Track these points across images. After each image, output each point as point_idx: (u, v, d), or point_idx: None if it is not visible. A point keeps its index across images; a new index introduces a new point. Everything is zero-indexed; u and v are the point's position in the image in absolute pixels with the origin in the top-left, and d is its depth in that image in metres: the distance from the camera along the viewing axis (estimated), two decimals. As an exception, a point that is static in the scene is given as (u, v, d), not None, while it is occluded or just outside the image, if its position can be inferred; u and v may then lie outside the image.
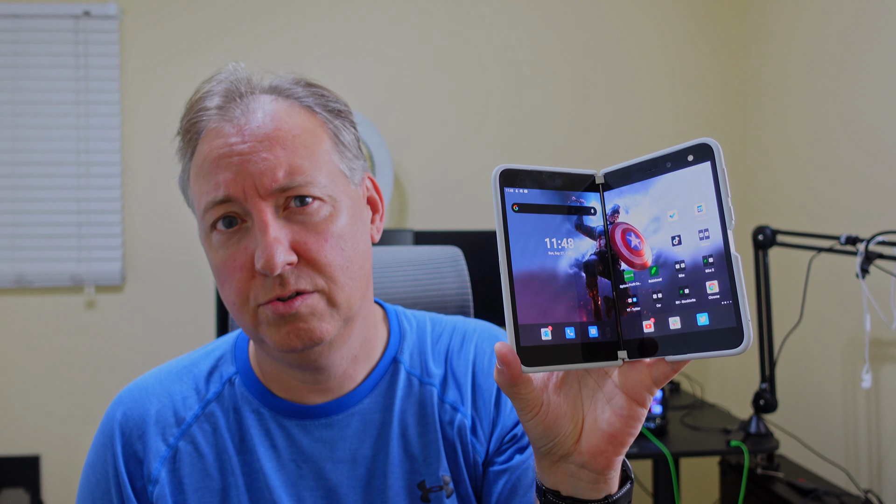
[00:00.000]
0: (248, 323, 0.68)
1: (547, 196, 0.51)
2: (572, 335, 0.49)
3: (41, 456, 2.42)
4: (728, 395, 2.47)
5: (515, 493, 0.76)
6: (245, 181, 0.65)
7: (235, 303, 0.68)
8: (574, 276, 0.50)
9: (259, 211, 0.65)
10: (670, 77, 2.59)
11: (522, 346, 0.48)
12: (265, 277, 0.65)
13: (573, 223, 0.52)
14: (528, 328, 0.49)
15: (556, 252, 0.50)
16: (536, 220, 0.51)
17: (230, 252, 0.67)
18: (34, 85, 2.42)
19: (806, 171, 2.24)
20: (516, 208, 0.51)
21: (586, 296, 0.50)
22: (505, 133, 2.55)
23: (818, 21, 2.18)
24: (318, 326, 0.67)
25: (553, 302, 0.50)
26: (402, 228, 2.42)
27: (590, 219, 0.52)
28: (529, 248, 0.50)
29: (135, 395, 0.77)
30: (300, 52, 2.49)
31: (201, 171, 0.68)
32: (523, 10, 2.56)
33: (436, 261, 1.07)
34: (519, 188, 0.51)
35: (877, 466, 1.91)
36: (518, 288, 0.49)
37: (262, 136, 0.66)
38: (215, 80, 0.71)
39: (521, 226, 0.50)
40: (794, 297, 2.09)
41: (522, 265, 0.49)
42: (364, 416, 0.76)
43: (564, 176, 0.52)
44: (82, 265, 2.43)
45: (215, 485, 0.74)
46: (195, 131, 0.69)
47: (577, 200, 0.52)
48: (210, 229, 0.68)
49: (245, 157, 0.65)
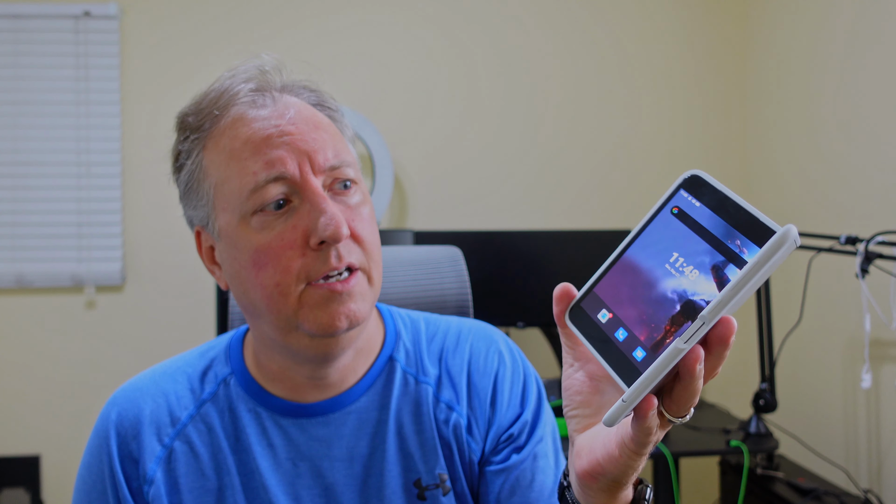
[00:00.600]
0: (290, 306, 0.67)
1: (713, 222, 0.46)
2: (621, 339, 0.48)
3: (41, 456, 2.42)
4: (728, 395, 2.47)
5: (514, 493, 0.76)
6: (300, 158, 0.67)
7: (279, 284, 0.66)
8: (669, 301, 0.46)
9: (315, 187, 0.66)
10: (670, 77, 2.59)
11: (580, 305, 0.51)
12: (319, 252, 0.66)
13: (714, 261, 0.45)
14: (596, 300, 0.50)
15: (674, 271, 0.47)
16: (684, 233, 0.47)
17: (277, 231, 0.66)
18: (34, 85, 2.42)
19: (805, 172, 2.24)
20: (675, 211, 0.48)
21: (662, 325, 0.46)
22: (505, 133, 2.55)
23: (818, 22, 2.18)
24: (362, 307, 0.69)
25: (631, 302, 0.48)
26: (402, 228, 2.42)
27: (735, 270, 0.44)
28: (654, 249, 0.48)
29: (129, 395, 0.77)
30: (300, 51, 2.49)
31: (241, 154, 0.67)
32: (523, 12, 2.56)
33: (436, 261, 1.07)
34: (694, 198, 0.48)
35: (877, 466, 1.91)
36: (617, 267, 0.50)
37: (304, 120, 0.69)
38: (239, 73, 0.72)
39: (665, 227, 0.48)
40: (794, 297, 2.09)
41: (637, 256, 0.49)
42: (360, 414, 0.76)
43: (750, 217, 0.44)
44: (82, 265, 2.43)
45: (211, 484, 0.74)
46: (216, 119, 0.70)
47: (739, 247, 0.44)
48: (249, 214, 0.67)
49: (295, 136, 0.67)
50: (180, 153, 0.73)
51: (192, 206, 0.73)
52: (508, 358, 0.83)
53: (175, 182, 0.75)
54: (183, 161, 0.72)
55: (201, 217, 0.72)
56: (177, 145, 0.73)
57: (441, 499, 0.76)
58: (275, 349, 0.74)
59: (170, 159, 0.75)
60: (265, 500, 0.73)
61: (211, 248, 0.74)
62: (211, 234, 0.72)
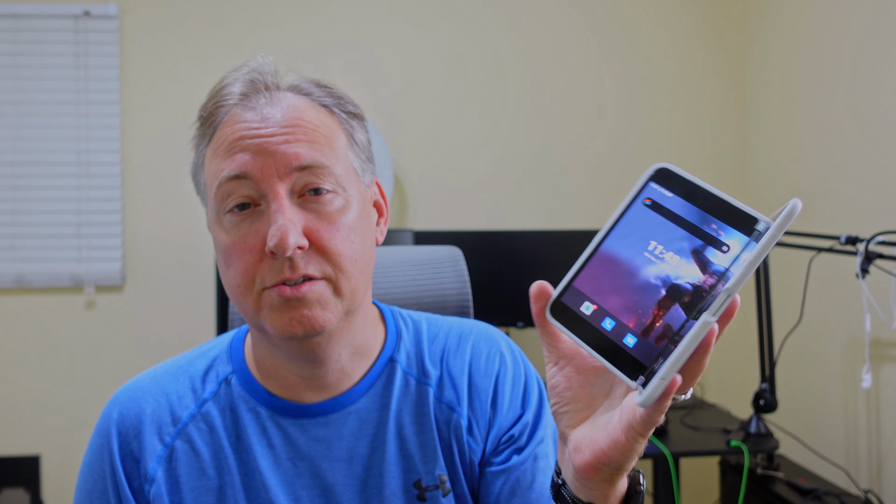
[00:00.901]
0: (251, 307, 0.68)
1: (687, 210, 0.49)
2: (608, 327, 0.49)
3: (41, 456, 2.42)
4: (728, 395, 2.47)
5: (514, 493, 0.76)
6: (264, 161, 0.66)
7: (239, 285, 0.67)
8: (653, 287, 0.49)
9: (275, 192, 0.66)
10: (670, 77, 2.59)
11: (561, 300, 0.51)
12: (274, 260, 0.65)
13: (693, 246, 0.48)
14: (576, 293, 0.51)
15: (653, 258, 0.49)
16: (658, 222, 0.50)
17: (241, 234, 0.67)
18: (34, 85, 2.42)
19: (806, 171, 2.24)
20: (648, 203, 0.50)
21: (650, 310, 0.48)
22: (506, 133, 2.55)
23: (818, 21, 2.18)
24: (322, 315, 0.67)
25: (614, 292, 0.49)
26: (402, 228, 2.42)
27: (715, 253, 0.47)
28: (630, 240, 0.50)
29: (130, 395, 0.77)
30: (300, 51, 2.49)
31: (218, 152, 0.69)
32: (522, 13, 2.56)
33: (436, 261, 1.07)
34: (665, 189, 0.50)
35: (877, 466, 1.91)
36: (594, 260, 0.51)
37: (284, 124, 0.68)
38: (241, 71, 0.72)
39: (639, 218, 0.50)
40: (794, 297, 2.09)
41: (613, 247, 0.50)
42: (361, 414, 0.76)
43: (724, 204, 0.48)
44: (82, 265, 2.43)
45: (212, 484, 0.74)
46: (216, 117, 0.70)
47: (715, 231, 0.48)
48: (221, 212, 0.68)
49: (266, 139, 0.67)
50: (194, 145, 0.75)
51: (201, 197, 0.75)
52: (510, 359, 0.83)
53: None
54: (194, 153, 0.74)
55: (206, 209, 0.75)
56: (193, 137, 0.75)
57: (441, 500, 0.76)
58: (264, 346, 0.75)
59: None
60: (265, 499, 0.73)
61: None
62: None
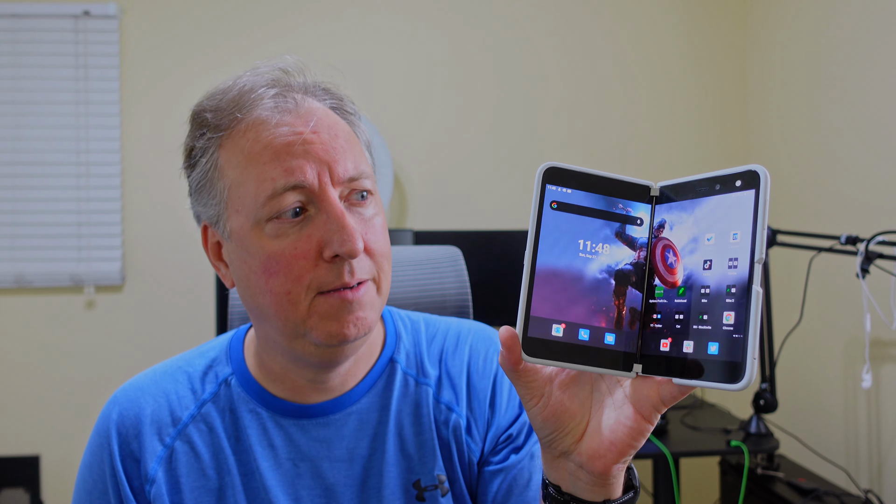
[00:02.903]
0: (299, 315, 0.67)
1: (591, 199, 0.51)
2: (586, 337, 0.49)
3: (41, 456, 2.42)
4: (728, 395, 2.47)
5: (511, 492, 0.76)
6: (320, 167, 0.66)
7: (290, 292, 0.66)
8: (602, 281, 0.50)
9: (333, 199, 0.66)
10: (671, 76, 2.59)
11: (529, 336, 0.49)
12: (332, 265, 0.66)
13: (614, 230, 0.51)
14: (540, 321, 0.49)
15: (588, 255, 0.50)
16: (574, 220, 0.50)
17: (291, 240, 0.66)
18: (34, 85, 2.42)
19: (806, 171, 2.24)
20: (555, 206, 0.50)
21: (611, 303, 0.50)
22: (505, 133, 2.55)
23: (819, 21, 2.18)
24: (370, 315, 0.69)
25: (573, 302, 0.49)
26: (402, 228, 2.42)
27: (633, 228, 0.51)
28: (560, 247, 0.50)
29: (130, 395, 0.77)
30: (300, 52, 2.48)
31: (260, 159, 0.66)
32: (524, 13, 2.56)
33: (435, 261, 1.07)
34: (562, 187, 0.51)
35: (877, 466, 1.91)
36: (538, 281, 0.49)
37: (326, 128, 0.68)
38: (262, 73, 0.71)
39: (555, 223, 0.50)
40: (794, 297, 2.09)
41: (548, 261, 0.50)
42: (361, 415, 0.77)
43: (617, 183, 0.51)
44: (82, 265, 2.43)
45: (212, 484, 0.74)
46: (236, 121, 0.68)
47: (623, 209, 0.51)
48: (263, 219, 0.66)
49: (315, 146, 0.66)
50: (194, 149, 0.71)
51: (203, 203, 0.71)
52: (508, 359, 0.83)
53: (186, 177, 0.73)
54: (197, 157, 0.71)
55: (211, 215, 0.71)
56: (191, 140, 0.72)
57: (440, 499, 0.76)
58: (278, 351, 0.74)
59: (182, 153, 0.73)
60: (265, 500, 0.73)
61: (218, 244, 0.73)
62: (219, 232, 0.71)
